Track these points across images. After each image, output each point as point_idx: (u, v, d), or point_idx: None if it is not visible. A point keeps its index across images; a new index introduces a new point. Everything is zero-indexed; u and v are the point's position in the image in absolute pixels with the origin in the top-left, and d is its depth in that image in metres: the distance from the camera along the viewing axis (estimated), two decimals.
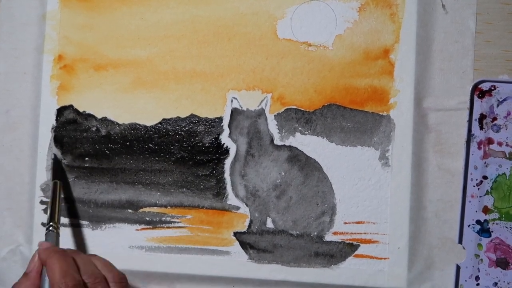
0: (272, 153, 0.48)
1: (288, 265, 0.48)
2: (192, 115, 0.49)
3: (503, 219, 0.46)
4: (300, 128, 0.48)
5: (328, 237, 0.48)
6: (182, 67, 0.49)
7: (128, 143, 0.50)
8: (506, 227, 0.46)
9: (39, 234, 0.50)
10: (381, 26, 0.47)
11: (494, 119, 0.46)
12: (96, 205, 0.50)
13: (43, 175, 0.51)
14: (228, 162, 0.49)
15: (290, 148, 0.48)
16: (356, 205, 0.47)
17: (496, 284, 0.46)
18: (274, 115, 0.48)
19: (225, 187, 0.49)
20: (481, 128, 0.46)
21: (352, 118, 0.47)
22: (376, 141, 0.47)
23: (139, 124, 0.50)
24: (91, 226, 0.50)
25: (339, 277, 0.47)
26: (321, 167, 0.48)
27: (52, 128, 0.51)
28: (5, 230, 0.52)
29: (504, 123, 0.46)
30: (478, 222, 0.46)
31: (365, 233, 0.47)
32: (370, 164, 0.47)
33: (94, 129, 0.50)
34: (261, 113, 0.48)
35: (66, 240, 0.50)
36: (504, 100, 0.46)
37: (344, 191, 0.47)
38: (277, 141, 0.48)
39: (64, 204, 0.50)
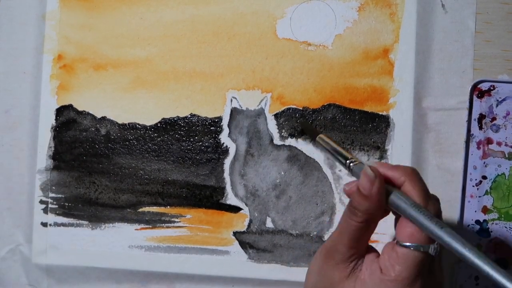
0: (272, 152, 0.48)
1: (287, 265, 0.48)
2: (192, 115, 0.49)
3: (503, 219, 0.46)
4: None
5: (328, 236, 0.48)
6: (182, 67, 0.49)
7: (127, 143, 0.50)
8: (506, 227, 0.46)
9: (39, 234, 0.50)
10: (380, 26, 0.47)
11: (493, 119, 0.46)
12: (95, 204, 0.50)
13: (43, 174, 0.51)
14: (227, 161, 0.49)
15: (289, 147, 0.48)
16: None
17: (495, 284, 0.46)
18: (274, 115, 0.48)
19: (225, 187, 0.49)
20: (480, 128, 0.46)
21: (352, 117, 0.47)
22: (375, 140, 0.47)
23: (138, 124, 0.50)
24: (90, 226, 0.50)
25: None
26: (321, 166, 0.48)
27: (52, 128, 0.51)
28: (5, 230, 0.52)
29: (503, 123, 0.46)
30: (477, 222, 0.46)
31: None
32: (370, 163, 0.47)
33: (93, 128, 0.50)
34: (260, 113, 0.48)
35: (66, 240, 0.50)
36: (503, 100, 0.46)
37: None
38: (277, 141, 0.48)
39: (64, 203, 0.50)
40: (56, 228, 0.51)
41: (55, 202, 0.51)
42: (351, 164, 0.38)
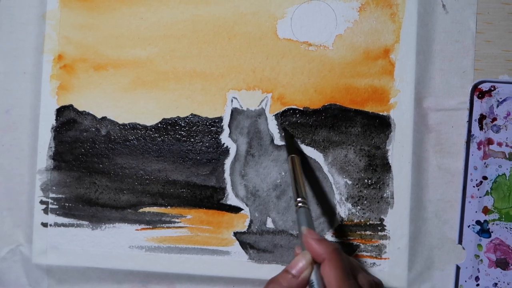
0: (272, 153, 0.48)
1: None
2: (192, 115, 0.49)
3: (503, 219, 0.46)
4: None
5: (328, 237, 0.48)
6: (182, 67, 0.49)
7: (128, 143, 0.50)
8: (506, 228, 0.46)
9: (39, 234, 0.50)
10: (381, 26, 0.47)
11: (494, 119, 0.46)
12: (96, 205, 0.50)
13: (43, 174, 0.51)
14: (228, 162, 0.49)
15: None
16: (356, 205, 0.47)
17: (496, 284, 0.46)
18: (274, 115, 0.48)
19: (225, 187, 0.49)
20: (481, 128, 0.46)
21: (353, 118, 0.47)
22: (376, 141, 0.47)
23: (139, 124, 0.50)
24: (91, 226, 0.50)
25: None
26: (321, 167, 0.48)
27: (52, 128, 0.51)
28: (5, 230, 0.52)
29: (504, 124, 0.46)
30: (478, 222, 0.46)
31: (365, 233, 0.47)
32: (370, 164, 0.47)
33: (94, 129, 0.50)
34: (261, 113, 0.48)
35: (66, 240, 0.50)
36: (504, 100, 0.46)
37: (344, 191, 0.47)
38: (277, 141, 0.48)
39: (64, 204, 0.50)
40: (57, 229, 0.51)
41: (55, 202, 0.51)
42: (299, 204, 0.40)
